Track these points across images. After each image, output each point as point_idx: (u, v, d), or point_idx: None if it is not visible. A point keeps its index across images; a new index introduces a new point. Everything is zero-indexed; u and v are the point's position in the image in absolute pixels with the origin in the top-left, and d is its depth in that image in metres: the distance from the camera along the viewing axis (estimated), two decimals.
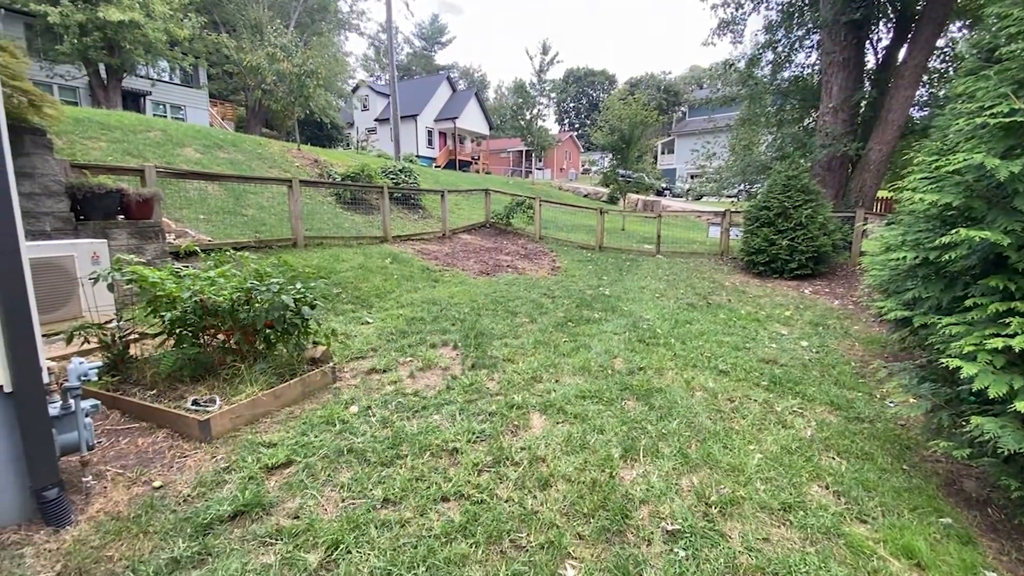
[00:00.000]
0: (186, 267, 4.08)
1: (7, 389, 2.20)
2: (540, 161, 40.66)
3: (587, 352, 4.84)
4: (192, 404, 3.26)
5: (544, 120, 32.09)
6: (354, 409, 3.53)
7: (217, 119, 26.92)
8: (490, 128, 43.36)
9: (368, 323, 5.57)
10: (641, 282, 8.90)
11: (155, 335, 4.06)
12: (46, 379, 2.31)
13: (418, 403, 3.65)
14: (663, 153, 46.00)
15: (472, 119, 40.30)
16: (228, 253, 4.50)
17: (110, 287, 3.87)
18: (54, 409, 2.45)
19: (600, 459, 2.96)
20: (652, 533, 2.38)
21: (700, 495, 2.68)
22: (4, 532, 2.24)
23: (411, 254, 9.37)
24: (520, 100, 31.25)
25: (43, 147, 5.17)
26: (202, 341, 3.88)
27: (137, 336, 4.15)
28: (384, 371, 4.23)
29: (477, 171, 37.42)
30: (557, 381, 4.14)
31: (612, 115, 21.47)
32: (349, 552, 2.16)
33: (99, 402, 2.70)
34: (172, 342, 3.79)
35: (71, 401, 2.50)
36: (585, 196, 30.73)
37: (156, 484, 2.65)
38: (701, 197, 28.25)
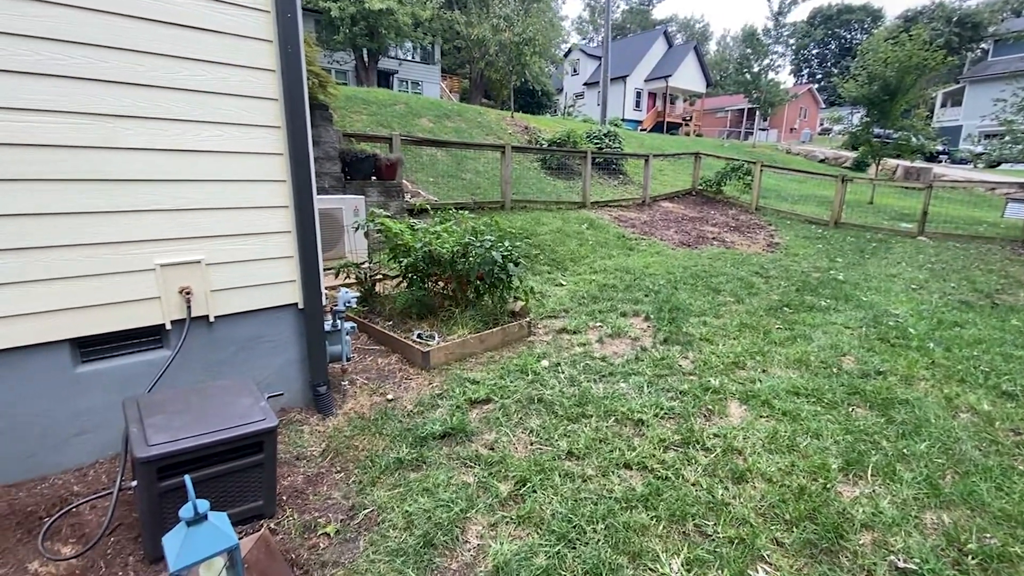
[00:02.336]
0: (417, 222, 4.75)
1: (300, 305, 2.90)
2: (765, 121, 35.58)
3: (806, 344, 4.19)
4: (417, 337, 3.84)
5: (776, 72, 27.71)
6: (545, 363, 3.72)
7: (446, 91, 30.26)
8: (707, 85, 39.48)
9: (562, 285, 5.75)
10: (891, 268, 7.25)
11: (393, 277, 4.87)
12: (323, 302, 2.98)
13: (605, 368, 3.66)
14: (943, 106, 35.70)
15: (687, 76, 37.18)
16: (450, 212, 5.09)
17: (366, 235, 4.74)
18: (327, 326, 3.15)
19: (812, 466, 2.56)
20: (875, 564, 1.99)
21: (951, 538, 2.12)
22: (292, 411, 3.00)
23: (607, 220, 9.29)
24: (748, 51, 27.52)
25: (326, 120, 6.50)
26: (427, 286, 4.52)
27: (381, 277, 5.04)
28: (574, 332, 4.34)
29: (687, 133, 34.73)
30: (764, 371, 3.69)
31: (873, 60, 17.34)
32: (535, 491, 2.32)
33: (355, 325, 3.37)
34: (405, 284, 4.50)
35: (338, 321, 3.18)
36: (821, 161, 26.03)
37: (389, 397, 3.22)
38: (998, 164, 21.20)
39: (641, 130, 31.52)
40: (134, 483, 1.86)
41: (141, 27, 2.18)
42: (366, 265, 5.12)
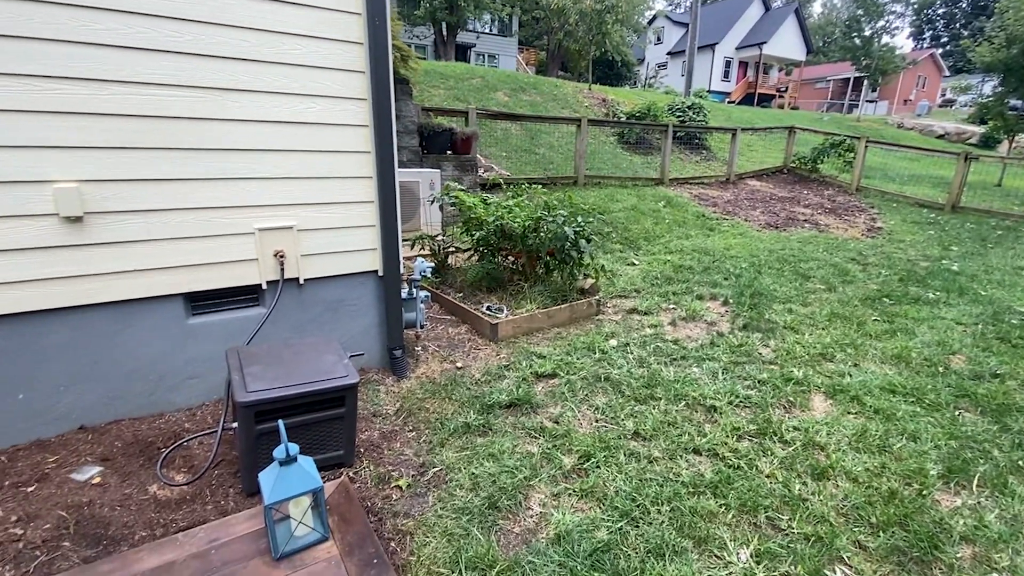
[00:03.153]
0: (490, 197, 4.78)
1: (379, 273, 3.04)
2: (874, 91, 31.97)
3: (907, 339, 3.80)
4: (486, 309, 3.92)
5: (892, 35, 24.66)
6: (613, 343, 3.67)
7: (522, 64, 29.87)
8: (807, 52, 35.98)
9: (634, 264, 5.60)
10: (1020, 260, 6.36)
11: (465, 250, 4.97)
12: (401, 271, 3.10)
13: (677, 351, 3.54)
14: None
15: (785, 42, 34.05)
16: (523, 186, 5.08)
17: (441, 208, 4.85)
18: (403, 294, 3.29)
19: (906, 470, 2.35)
20: None
21: None
22: (370, 371, 3.19)
23: (687, 198, 8.86)
24: (860, 12, 24.65)
25: (406, 94, 6.66)
26: (497, 260, 4.57)
27: (454, 249, 5.16)
28: (645, 313, 4.23)
29: (780, 106, 32.03)
30: (855, 365, 3.41)
31: (1014, 19, 14.92)
32: (599, 467, 2.32)
33: (429, 294, 3.50)
34: (476, 258, 4.58)
35: (414, 290, 3.31)
36: (939, 137, 23.12)
37: (458, 365, 3.33)
38: None
39: (729, 102, 29.46)
40: (235, 424, 2.08)
41: (245, 4, 2.33)
42: (440, 238, 5.27)
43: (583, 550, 1.86)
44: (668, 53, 37.03)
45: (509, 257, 4.56)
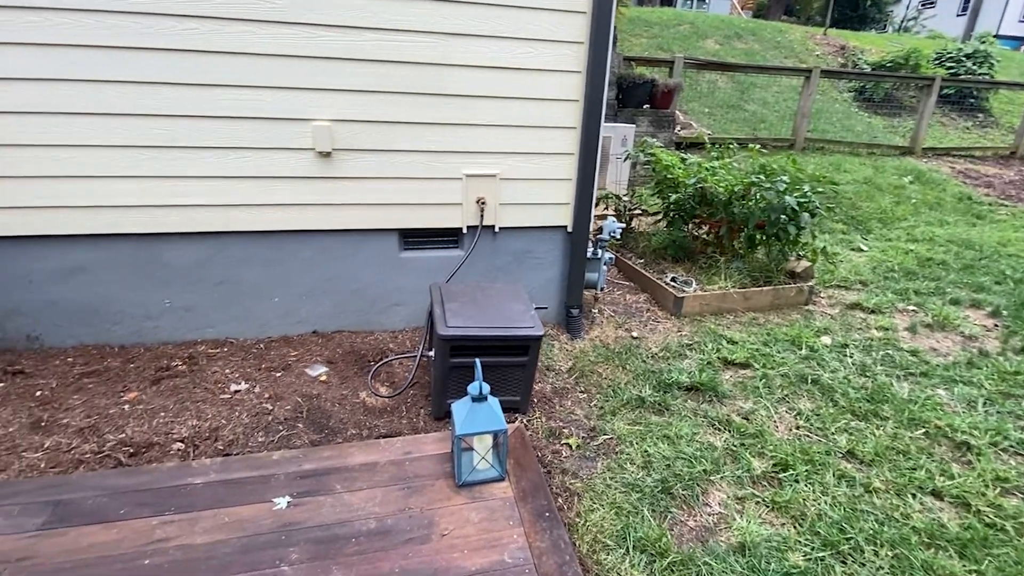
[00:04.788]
0: (688, 156, 4.33)
1: (568, 228, 2.98)
2: None
3: None
4: (671, 280, 3.63)
5: None
6: (826, 340, 3.10)
7: (736, 8, 26.30)
8: None
9: (861, 250, 4.63)
10: None
11: (653, 214, 4.65)
12: (590, 228, 3.00)
13: (916, 365, 2.84)
14: None
15: None
16: (731, 147, 4.49)
17: (634, 166, 4.56)
18: (588, 252, 3.19)
19: None
20: None
21: None
22: (546, 326, 3.21)
23: (946, 174, 6.97)
24: None
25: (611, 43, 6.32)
26: (688, 228, 4.18)
27: (639, 212, 4.88)
28: (872, 312, 3.48)
29: None
30: None
31: None
32: (797, 481, 2.00)
33: (614, 256, 3.34)
34: (664, 223, 4.24)
35: (599, 250, 3.19)
36: None
37: (634, 334, 3.16)
38: None
39: None
40: (431, 353, 2.26)
41: None
42: (626, 198, 5.01)
43: (773, 570, 1.62)
44: None
45: (703, 226, 4.13)
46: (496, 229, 2.87)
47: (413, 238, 2.86)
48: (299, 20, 2.26)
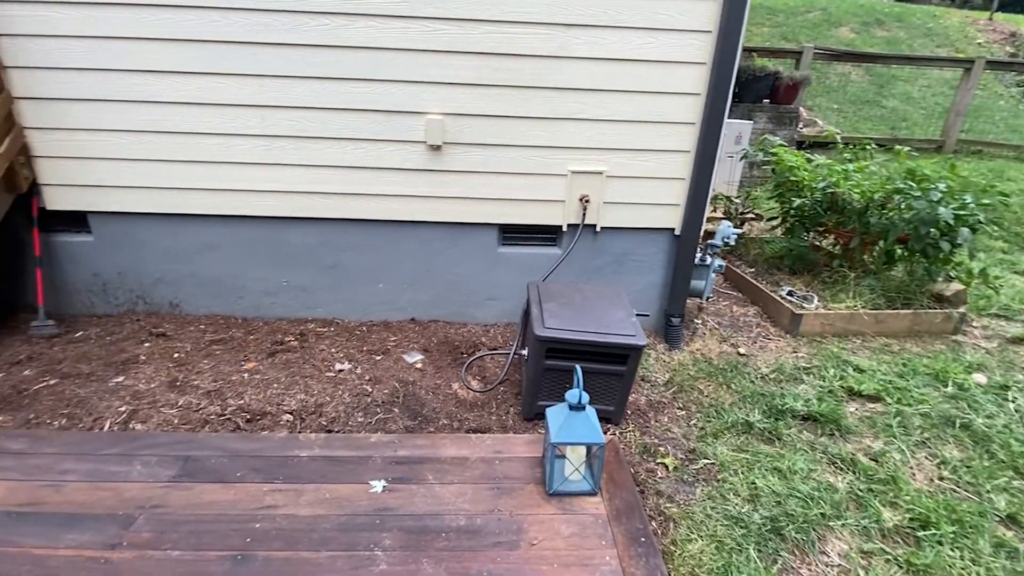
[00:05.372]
0: (813, 157, 3.88)
1: (676, 231, 2.79)
2: None
3: None
4: (787, 294, 3.29)
5: None
6: (980, 379, 2.63)
7: None
8: None
9: None
10: None
11: (768, 219, 4.25)
12: (701, 233, 2.78)
13: None
14: None
15: None
16: (867, 149, 3.97)
17: (752, 165, 4.20)
18: (696, 258, 2.97)
19: None
20: None
21: None
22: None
23: None
24: None
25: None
26: (808, 237, 3.76)
27: (752, 216, 4.49)
28: None
29: None
30: None
31: None
32: (940, 543, 1.70)
33: (724, 264, 3.09)
34: (782, 230, 3.86)
35: (707, 256, 2.96)
36: None
37: (740, 351, 2.90)
38: None
39: None
40: (524, 352, 2.22)
41: None
42: (737, 200, 4.64)
43: None
44: None
45: (828, 235, 3.70)
46: (598, 228, 2.76)
47: (512, 233, 2.83)
48: (418, 14, 2.29)
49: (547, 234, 2.85)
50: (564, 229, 2.77)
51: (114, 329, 2.72)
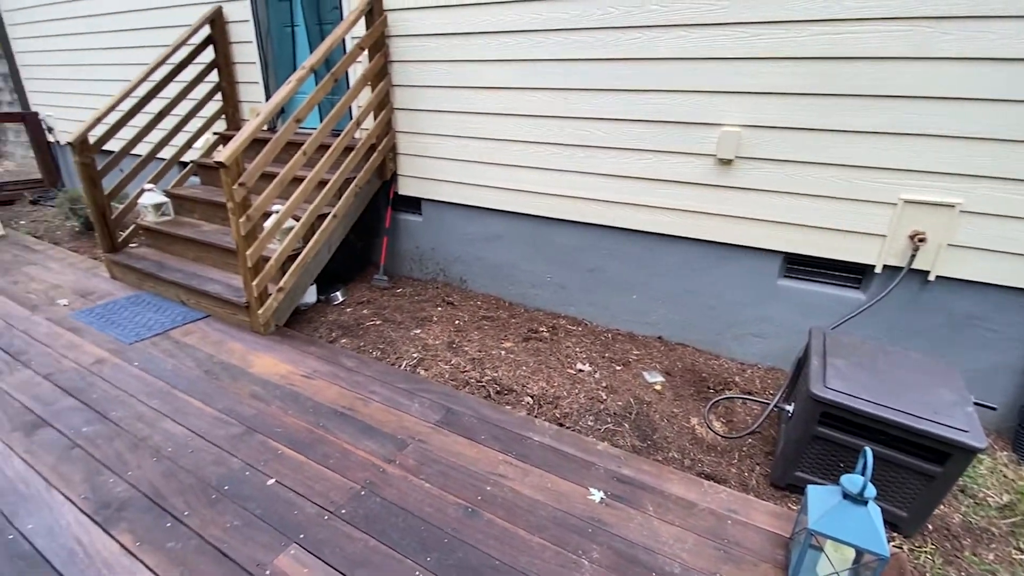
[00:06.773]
0: None
1: None
2: None
3: None
4: None
5: None
6: None
7: None
8: None
9: None
10: None
11: None
12: None
13: None
14: None
15: None
16: None
17: None
18: None
19: None
20: None
21: None
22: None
23: None
24: None
25: None
26: None
27: None
28: None
29: None
30: None
31: None
32: None
33: None
34: None
35: None
36: None
37: None
38: None
39: None
40: (789, 407, 1.87)
41: None
42: None
43: None
44: None
45: None
46: (931, 277, 2.12)
47: (799, 265, 2.42)
48: (737, 20, 2.13)
49: (850, 272, 2.34)
50: (878, 271, 2.21)
51: (421, 291, 3.41)
